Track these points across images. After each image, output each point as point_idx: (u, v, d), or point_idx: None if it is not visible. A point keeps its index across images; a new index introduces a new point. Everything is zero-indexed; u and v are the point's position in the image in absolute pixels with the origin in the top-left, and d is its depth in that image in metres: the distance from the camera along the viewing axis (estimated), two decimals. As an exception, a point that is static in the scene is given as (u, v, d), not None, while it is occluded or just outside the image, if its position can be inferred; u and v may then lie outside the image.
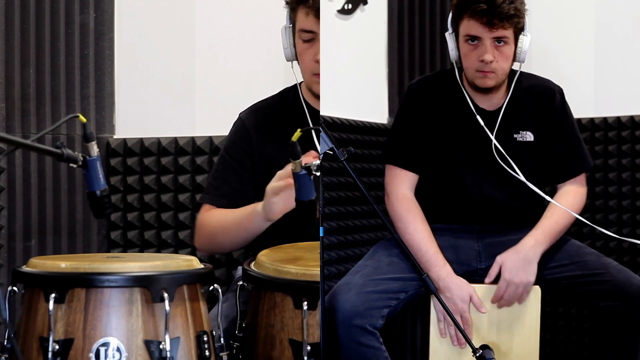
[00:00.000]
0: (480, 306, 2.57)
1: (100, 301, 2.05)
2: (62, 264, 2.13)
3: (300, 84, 2.78)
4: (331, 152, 2.35)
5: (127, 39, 3.28)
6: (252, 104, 2.82)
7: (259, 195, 2.74)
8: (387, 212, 2.69)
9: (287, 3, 2.67)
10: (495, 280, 2.61)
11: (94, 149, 2.18)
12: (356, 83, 3.35)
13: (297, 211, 2.29)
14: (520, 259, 2.59)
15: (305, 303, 2.13)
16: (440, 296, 2.49)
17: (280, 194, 2.43)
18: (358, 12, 3.29)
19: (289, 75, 2.74)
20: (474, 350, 2.36)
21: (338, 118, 3.14)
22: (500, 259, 2.61)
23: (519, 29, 2.58)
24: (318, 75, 2.63)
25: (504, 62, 2.59)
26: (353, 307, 2.43)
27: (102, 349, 2.03)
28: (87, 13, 3.18)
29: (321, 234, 2.26)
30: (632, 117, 3.50)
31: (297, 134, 2.21)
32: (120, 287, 2.06)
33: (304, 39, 2.63)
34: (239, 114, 2.80)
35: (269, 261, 2.28)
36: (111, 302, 2.05)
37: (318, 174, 2.25)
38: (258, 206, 2.53)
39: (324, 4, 2.63)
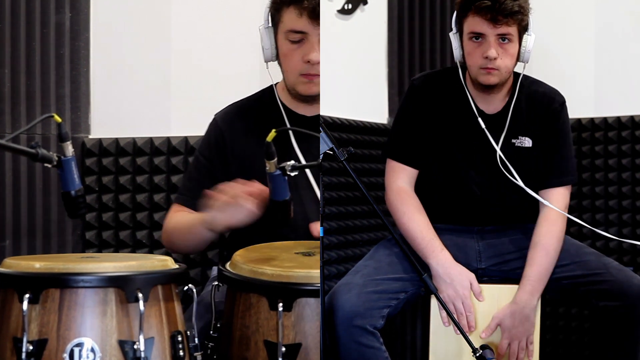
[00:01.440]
0: (479, 294, 2.57)
1: (75, 301, 2.04)
2: (37, 264, 2.13)
3: (276, 84, 2.77)
4: (331, 152, 2.35)
5: (103, 39, 3.27)
6: (227, 104, 2.81)
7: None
8: (387, 212, 2.69)
9: (272, 3, 2.62)
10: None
11: (69, 149, 2.18)
12: (356, 83, 3.36)
13: (271, 211, 2.30)
14: (517, 317, 2.57)
15: (281, 304, 2.13)
16: (440, 296, 2.50)
17: (222, 209, 2.41)
18: (358, 12, 3.30)
19: (265, 76, 2.73)
20: (474, 350, 2.36)
21: (338, 118, 3.15)
22: (497, 316, 2.58)
23: (522, 28, 2.58)
24: (306, 75, 2.60)
25: (508, 60, 2.58)
26: (353, 307, 2.43)
27: (76, 350, 2.03)
28: (62, 13, 3.18)
29: (321, 234, 2.26)
30: (632, 117, 3.51)
31: (272, 134, 2.22)
32: (94, 287, 2.05)
33: (292, 40, 2.59)
34: (214, 115, 2.79)
35: (244, 262, 2.27)
36: (85, 302, 2.05)
37: (292, 174, 2.25)
38: (203, 215, 2.51)
39: (324, 4, 2.61)
